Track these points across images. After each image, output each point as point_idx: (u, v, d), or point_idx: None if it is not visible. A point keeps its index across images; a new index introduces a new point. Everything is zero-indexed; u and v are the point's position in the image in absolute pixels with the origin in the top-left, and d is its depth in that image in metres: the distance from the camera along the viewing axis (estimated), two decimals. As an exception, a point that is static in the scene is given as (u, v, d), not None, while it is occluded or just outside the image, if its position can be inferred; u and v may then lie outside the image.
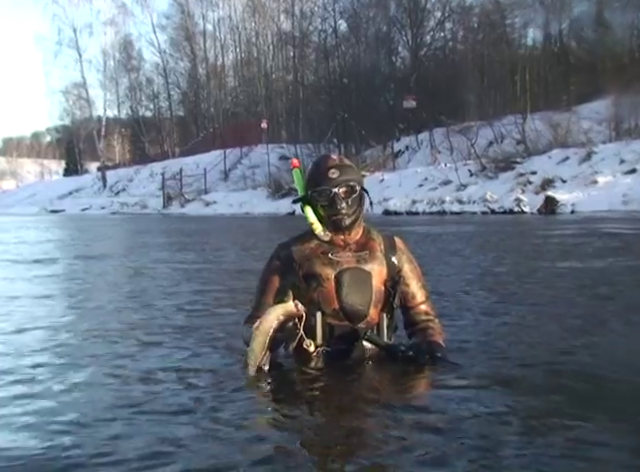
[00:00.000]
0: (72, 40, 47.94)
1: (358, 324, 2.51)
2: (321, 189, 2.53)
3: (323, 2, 39.50)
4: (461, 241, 9.58)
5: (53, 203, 42.81)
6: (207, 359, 2.77)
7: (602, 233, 9.65)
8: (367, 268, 2.54)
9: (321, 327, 2.50)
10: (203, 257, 7.93)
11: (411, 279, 2.64)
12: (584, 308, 3.91)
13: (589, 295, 4.40)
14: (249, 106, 44.45)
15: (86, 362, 2.76)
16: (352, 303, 2.50)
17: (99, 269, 6.86)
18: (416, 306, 2.65)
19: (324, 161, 2.60)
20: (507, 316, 3.67)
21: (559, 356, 2.70)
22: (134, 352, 2.92)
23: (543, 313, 3.75)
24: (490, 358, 2.68)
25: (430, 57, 36.70)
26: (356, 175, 2.61)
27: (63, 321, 3.84)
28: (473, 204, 19.05)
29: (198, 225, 18.22)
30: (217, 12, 47.59)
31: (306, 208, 2.58)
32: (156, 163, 44.64)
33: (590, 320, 3.48)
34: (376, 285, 2.54)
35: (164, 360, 2.76)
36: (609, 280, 5.03)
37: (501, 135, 25.91)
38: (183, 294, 4.83)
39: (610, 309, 3.82)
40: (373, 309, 2.53)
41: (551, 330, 3.25)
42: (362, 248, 2.58)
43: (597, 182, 17.11)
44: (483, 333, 3.20)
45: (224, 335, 3.21)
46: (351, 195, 2.54)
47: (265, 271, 2.66)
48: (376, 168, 26.82)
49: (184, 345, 3.03)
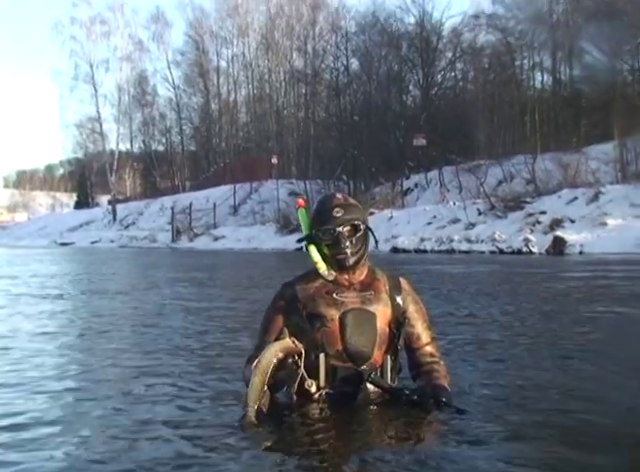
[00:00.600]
0: (88, 75, 48.97)
1: (362, 366, 2.47)
2: (325, 228, 2.52)
3: (335, 41, 40.13)
4: (471, 281, 9.49)
5: (63, 236, 43.02)
6: (208, 401, 2.70)
7: (621, 276, 9.51)
8: (372, 309, 2.51)
9: (324, 368, 2.45)
10: (211, 294, 7.83)
11: (416, 320, 2.61)
12: (598, 354, 3.81)
13: (603, 341, 4.29)
14: (260, 142, 44.87)
15: (86, 407, 2.70)
16: (356, 345, 2.46)
17: (106, 306, 6.83)
18: (421, 347, 2.61)
19: (329, 200, 2.59)
20: (513, 360, 3.59)
21: (569, 402, 2.63)
22: (135, 395, 2.85)
23: (552, 358, 3.66)
24: (496, 403, 2.61)
25: (441, 96, 37.06)
26: (360, 214, 2.59)
27: (69, 357, 3.78)
28: (481, 243, 18.97)
29: (206, 260, 18.21)
30: (231, 49, 48.53)
31: (310, 247, 2.56)
32: (166, 197, 44.98)
33: (603, 367, 3.39)
34: (380, 326, 2.50)
35: (165, 404, 2.70)
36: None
37: (510, 174, 25.95)
38: (188, 333, 4.77)
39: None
40: (377, 351, 2.49)
41: (559, 375, 3.16)
42: (367, 288, 2.55)
43: (606, 224, 17.03)
44: (488, 377, 3.12)
45: (229, 377, 3.14)
46: (355, 234, 2.52)
47: (269, 310, 2.63)
48: (385, 205, 26.85)
49: (186, 386, 2.97)
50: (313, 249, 2.55)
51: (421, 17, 36.06)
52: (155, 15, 51.14)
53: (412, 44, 36.95)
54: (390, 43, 37.06)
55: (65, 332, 4.85)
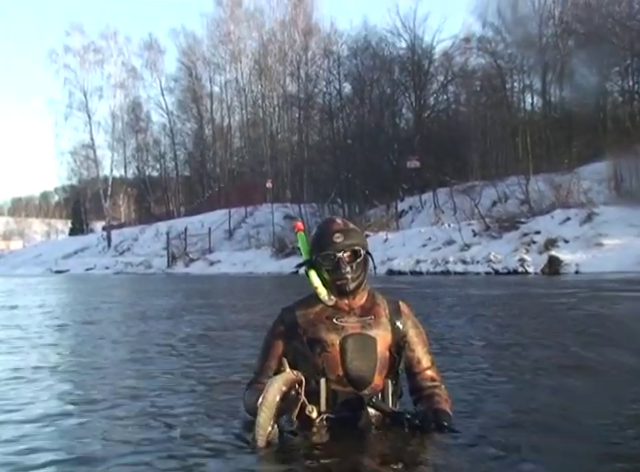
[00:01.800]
0: (82, 103, 49.18)
1: (362, 390, 2.46)
2: (325, 254, 2.53)
3: (328, 66, 40.46)
4: (469, 303, 9.50)
5: (58, 263, 42.87)
6: (212, 428, 2.68)
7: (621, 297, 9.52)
8: (372, 334, 2.51)
9: (325, 393, 2.45)
10: (208, 323, 7.73)
11: (416, 344, 2.61)
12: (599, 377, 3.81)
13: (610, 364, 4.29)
14: (254, 166, 45.01)
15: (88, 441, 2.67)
16: (357, 369, 2.46)
17: (99, 337, 6.80)
18: (422, 372, 2.61)
19: (328, 225, 2.60)
20: (514, 383, 3.59)
21: (567, 423, 2.63)
22: (137, 424, 2.83)
23: (554, 381, 3.66)
24: (498, 427, 2.60)
25: (433, 119, 37.29)
26: (360, 239, 2.60)
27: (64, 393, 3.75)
28: (477, 264, 18.98)
29: (202, 285, 18.15)
30: (224, 75, 48.87)
31: (310, 272, 2.57)
32: (161, 222, 44.95)
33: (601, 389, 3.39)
34: (381, 351, 2.51)
35: (169, 432, 2.68)
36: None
37: (505, 195, 26.05)
38: (186, 361, 4.75)
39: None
40: (378, 375, 2.49)
41: (559, 398, 3.16)
42: (367, 313, 2.56)
43: (602, 244, 17.05)
44: (491, 400, 3.12)
45: (229, 406, 3.12)
46: (355, 259, 2.54)
47: (269, 336, 2.63)
48: (380, 228, 26.87)
49: (190, 416, 2.95)
50: (313, 274, 2.55)
51: (412, 41, 36.42)
52: (148, 42, 51.66)
53: (404, 68, 37.28)
54: (382, 67, 37.38)
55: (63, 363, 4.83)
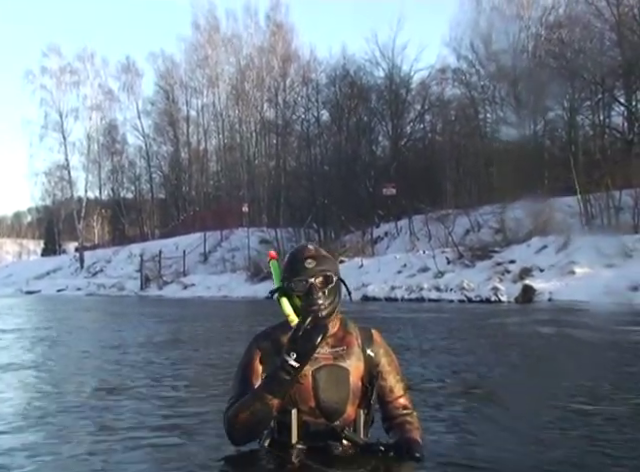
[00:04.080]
0: (58, 124, 49.02)
1: (334, 421, 2.44)
2: (297, 279, 2.49)
3: (306, 93, 40.82)
4: (442, 332, 9.53)
5: (29, 284, 42.24)
6: (189, 457, 2.67)
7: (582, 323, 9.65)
8: (345, 365, 2.49)
9: (296, 424, 2.43)
10: (184, 353, 7.66)
11: (388, 373, 2.60)
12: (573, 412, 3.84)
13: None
14: (231, 190, 44.98)
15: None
16: (329, 401, 2.43)
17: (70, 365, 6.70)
18: (394, 400, 2.60)
19: (300, 252, 2.57)
20: (478, 412, 3.61)
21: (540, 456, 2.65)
22: (118, 454, 2.79)
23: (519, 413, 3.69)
24: (469, 455, 2.62)
25: (410, 147, 37.69)
26: (332, 265, 2.57)
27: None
28: (450, 292, 19.08)
29: (176, 310, 17.98)
30: (201, 99, 49.05)
31: (282, 300, 2.50)
32: (135, 244, 44.60)
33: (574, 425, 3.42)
34: (354, 382, 2.49)
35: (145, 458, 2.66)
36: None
37: (478, 224, 26.31)
38: (161, 393, 4.70)
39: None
40: (350, 406, 2.47)
41: (528, 432, 3.19)
42: (339, 343, 2.53)
43: (574, 272, 17.26)
44: (456, 426, 3.14)
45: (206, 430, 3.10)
46: (327, 285, 2.50)
47: (245, 359, 2.57)
48: (355, 253, 26.94)
49: (167, 442, 2.92)
50: (285, 301, 2.50)
51: (390, 70, 36.97)
52: (125, 65, 51.72)
53: (381, 96, 37.75)
54: (360, 95, 37.83)
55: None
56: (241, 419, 2.36)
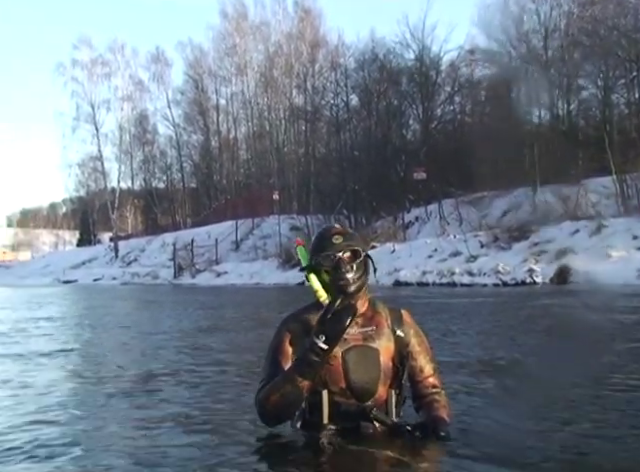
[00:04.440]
0: (90, 115, 49.56)
1: (366, 402, 2.45)
2: (325, 254, 2.50)
3: (335, 78, 40.58)
4: (479, 315, 9.46)
5: (66, 273, 43.01)
6: (223, 445, 2.67)
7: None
8: (375, 345, 2.49)
9: (327, 405, 2.44)
10: (223, 339, 7.60)
11: (419, 353, 2.60)
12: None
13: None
14: (261, 178, 45.08)
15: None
16: (360, 382, 2.44)
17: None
18: (424, 379, 2.61)
19: (327, 230, 2.60)
20: (514, 398, 3.56)
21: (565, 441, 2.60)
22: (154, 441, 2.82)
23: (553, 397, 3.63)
24: (495, 437, 2.60)
25: (440, 130, 37.33)
26: (360, 242, 2.58)
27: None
28: (484, 276, 18.89)
29: (210, 297, 18.10)
30: (230, 88, 49.11)
31: (310, 276, 2.52)
32: (168, 234, 45.03)
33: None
34: (384, 362, 2.49)
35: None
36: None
37: (513, 206, 26.00)
38: (200, 378, 4.72)
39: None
40: (381, 387, 2.48)
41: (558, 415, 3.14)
42: (369, 323, 2.53)
43: (611, 256, 16.98)
44: (488, 408, 3.11)
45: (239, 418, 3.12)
46: (355, 260, 2.51)
47: (274, 341, 2.59)
48: (387, 239, 26.83)
49: (204, 426, 2.95)
50: (313, 277, 2.51)
51: (420, 52, 36.54)
52: (155, 55, 52.08)
53: (412, 79, 37.37)
54: (389, 79, 37.47)
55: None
56: (272, 401, 2.38)
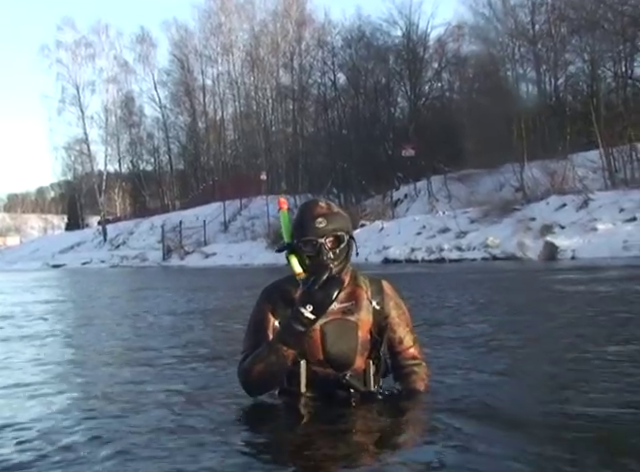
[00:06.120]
0: (75, 98, 49.15)
1: (343, 372, 2.44)
2: (307, 239, 2.43)
3: (322, 56, 40.35)
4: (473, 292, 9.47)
5: (55, 257, 42.89)
6: (202, 411, 2.68)
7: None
8: (353, 318, 2.48)
9: (305, 375, 2.44)
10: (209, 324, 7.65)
11: (398, 325, 2.58)
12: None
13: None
14: (249, 158, 44.90)
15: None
16: (337, 354, 2.44)
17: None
18: (403, 351, 2.59)
19: (311, 208, 2.49)
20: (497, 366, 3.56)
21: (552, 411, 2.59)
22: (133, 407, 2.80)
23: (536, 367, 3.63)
24: (477, 404, 2.59)
25: (428, 106, 37.22)
26: (344, 223, 2.49)
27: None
28: (473, 250, 18.97)
29: (199, 278, 18.03)
30: (216, 68, 48.63)
31: (291, 258, 2.46)
32: (156, 216, 44.93)
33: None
34: (362, 335, 2.48)
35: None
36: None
37: (499, 183, 26.04)
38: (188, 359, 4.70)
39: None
40: (359, 358, 2.47)
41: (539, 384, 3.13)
42: (348, 298, 2.50)
43: (597, 229, 17.06)
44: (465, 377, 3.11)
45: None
46: (338, 245, 2.44)
47: (255, 312, 2.57)
48: (376, 217, 26.86)
49: (185, 398, 2.93)
50: (294, 260, 2.45)
51: (408, 28, 36.31)
52: (140, 36, 51.51)
53: (399, 56, 37.18)
54: (377, 56, 37.29)
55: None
56: (256, 371, 2.39)
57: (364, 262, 18.52)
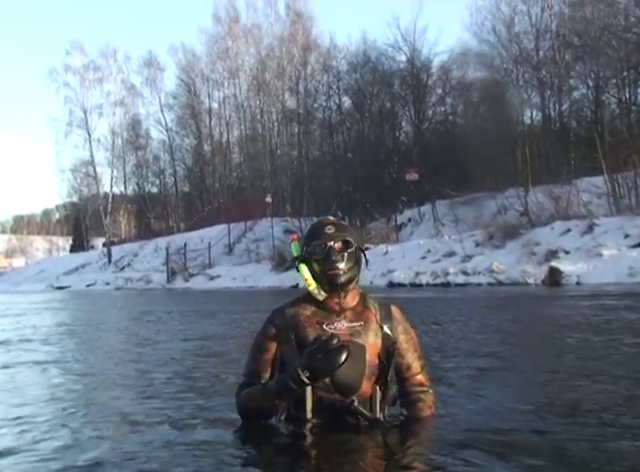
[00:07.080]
0: (82, 121, 49.41)
1: (350, 397, 2.43)
2: (316, 243, 2.49)
3: (327, 80, 40.69)
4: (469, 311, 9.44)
5: (59, 279, 42.90)
6: (202, 434, 2.66)
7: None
8: (361, 341, 2.47)
9: (311, 400, 2.43)
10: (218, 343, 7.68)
11: (406, 351, 2.58)
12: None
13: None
14: (254, 181, 45.04)
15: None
16: (344, 377, 2.41)
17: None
18: (411, 377, 2.59)
19: (321, 220, 2.62)
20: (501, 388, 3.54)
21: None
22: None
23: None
24: (484, 432, 2.57)
25: (432, 130, 37.43)
26: (353, 234, 2.56)
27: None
28: (478, 275, 18.91)
29: (204, 301, 17.98)
30: (222, 91, 49.04)
31: (301, 266, 2.52)
32: (161, 238, 44.95)
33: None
34: (370, 358, 2.47)
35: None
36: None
37: (504, 207, 26.06)
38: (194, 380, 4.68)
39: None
40: (366, 382, 2.46)
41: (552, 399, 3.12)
42: (357, 318, 2.51)
43: (602, 255, 17.01)
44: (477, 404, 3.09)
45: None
46: (346, 250, 2.48)
47: (259, 337, 2.59)
48: (380, 240, 26.84)
49: (187, 420, 2.92)
50: (304, 267, 2.51)
51: (412, 55, 36.64)
52: (148, 60, 52.03)
53: (404, 81, 37.48)
54: (382, 81, 37.60)
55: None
56: (249, 407, 2.52)
57: (369, 285, 18.51)
